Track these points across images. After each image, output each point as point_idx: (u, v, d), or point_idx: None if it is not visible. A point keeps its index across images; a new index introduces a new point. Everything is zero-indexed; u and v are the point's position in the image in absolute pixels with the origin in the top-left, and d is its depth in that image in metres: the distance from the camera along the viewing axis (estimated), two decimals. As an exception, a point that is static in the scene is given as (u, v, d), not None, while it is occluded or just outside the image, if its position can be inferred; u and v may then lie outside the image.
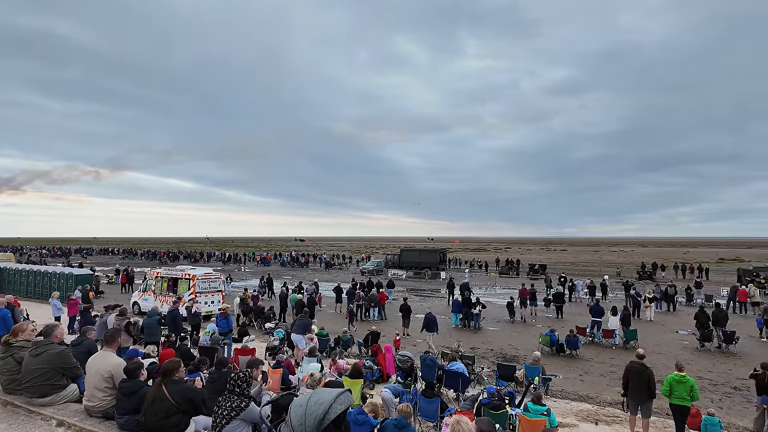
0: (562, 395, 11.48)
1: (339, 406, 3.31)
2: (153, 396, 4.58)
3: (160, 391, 4.56)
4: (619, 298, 26.91)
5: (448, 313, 22.37)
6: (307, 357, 11.11)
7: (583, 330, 17.31)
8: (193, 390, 4.79)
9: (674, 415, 8.44)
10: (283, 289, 22.74)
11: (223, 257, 65.30)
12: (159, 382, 4.69)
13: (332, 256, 65.51)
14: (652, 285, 30.39)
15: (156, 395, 4.55)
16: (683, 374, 8.46)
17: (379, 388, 11.02)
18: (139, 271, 40.01)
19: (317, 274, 46.08)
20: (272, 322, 18.40)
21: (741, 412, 10.57)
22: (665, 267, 46.68)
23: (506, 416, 7.67)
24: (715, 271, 44.85)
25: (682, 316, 22.56)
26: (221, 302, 19.92)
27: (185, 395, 4.59)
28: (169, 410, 4.49)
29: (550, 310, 23.19)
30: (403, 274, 43.17)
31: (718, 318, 17.03)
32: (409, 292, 31.37)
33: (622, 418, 9.74)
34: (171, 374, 4.68)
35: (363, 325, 19.27)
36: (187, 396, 4.60)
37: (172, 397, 4.50)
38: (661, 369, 12.32)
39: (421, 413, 8.55)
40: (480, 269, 51.49)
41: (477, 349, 16.05)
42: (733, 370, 13.94)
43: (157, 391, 4.59)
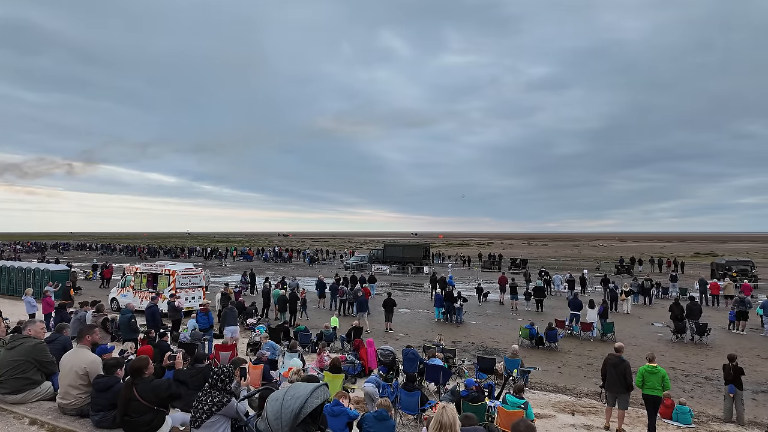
0: (540, 387, 11.70)
1: (315, 400, 3.33)
2: (124, 397, 4.53)
3: (130, 391, 4.50)
4: (598, 292, 27.48)
5: (430, 307, 22.54)
6: (288, 352, 11.10)
7: (562, 323, 17.66)
8: (164, 386, 4.74)
9: (647, 405, 8.69)
10: (265, 285, 22.57)
11: (205, 252, 64.51)
12: (129, 381, 4.63)
13: (316, 251, 65.27)
14: (629, 279, 31.09)
15: (126, 396, 4.50)
16: (654, 365, 8.71)
17: (361, 383, 11.09)
18: (118, 267, 39.30)
19: (301, 269, 45.90)
20: (254, 317, 18.29)
21: (711, 401, 10.93)
22: (642, 261, 47.82)
23: (485, 408, 7.80)
24: (690, 265, 46.09)
25: (658, 308, 23.15)
26: (202, 298, 19.70)
27: (156, 393, 4.55)
28: (141, 409, 4.45)
29: (530, 303, 23.55)
30: (387, 269, 43.27)
31: (691, 311, 17.53)
32: (392, 286, 31.48)
33: (598, 408, 9.99)
34: (140, 373, 4.62)
35: (346, 320, 19.29)
36: (159, 393, 4.55)
37: (143, 396, 4.45)
38: (637, 361, 12.64)
39: (402, 406, 8.64)
40: (463, 264, 51.93)
41: (458, 343, 16.23)
42: (705, 360, 14.39)
43: (127, 392, 4.54)
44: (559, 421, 9.23)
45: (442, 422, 3.24)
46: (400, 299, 25.13)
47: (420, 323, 20.04)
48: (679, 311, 17.48)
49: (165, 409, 4.84)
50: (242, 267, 41.29)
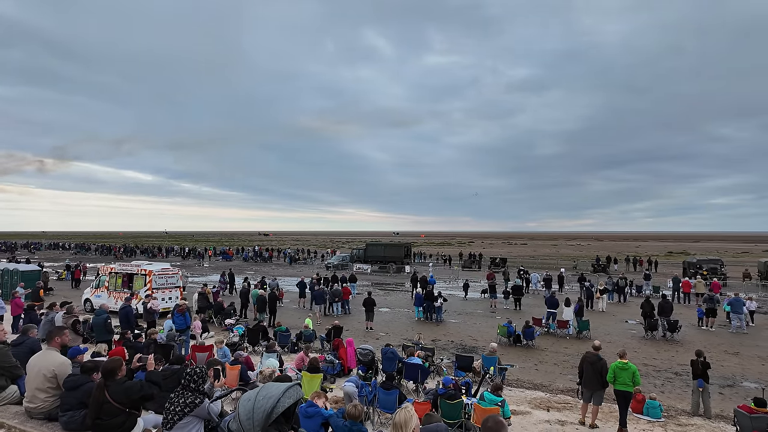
0: (517, 384, 11.89)
1: (287, 399, 3.32)
2: (96, 399, 4.43)
3: (102, 394, 4.42)
4: (574, 290, 28.01)
5: (411, 306, 22.63)
6: (266, 352, 11.02)
7: (539, 321, 17.97)
8: (137, 388, 4.66)
9: (618, 400, 8.92)
10: (244, 285, 22.34)
11: (183, 252, 63.41)
12: (101, 384, 4.54)
13: (297, 250, 64.80)
14: (605, 277, 31.79)
15: (98, 399, 4.41)
16: (626, 361, 8.96)
17: (340, 382, 11.08)
18: (92, 267, 38.35)
19: (281, 269, 45.53)
20: (232, 318, 18.09)
21: (680, 396, 11.28)
22: (618, 260, 48.96)
23: (461, 405, 7.88)
24: (664, 264, 47.37)
25: (632, 306, 23.71)
26: (179, 298, 19.37)
27: (129, 394, 4.47)
28: (113, 412, 4.36)
29: (508, 302, 23.88)
30: (369, 269, 43.26)
31: (663, 308, 18.03)
32: (373, 286, 31.52)
33: (573, 404, 10.20)
34: (113, 374, 4.54)
35: (327, 320, 19.24)
36: (131, 395, 4.48)
37: (115, 398, 4.37)
38: (612, 357, 12.95)
39: (380, 405, 8.67)
40: (444, 263, 52.27)
41: (438, 341, 16.36)
42: (675, 356, 14.83)
43: (99, 394, 4.45)
44: (535, 418, 9.40)
45: (395, 422, 3.28)
46: (381, 298, 25.18)
47: (400, 322, 20.13)
48: (650, 308, 17.98)
49: (137, 411, 4.77)
50: (221, 267, 40.72)
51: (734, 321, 18.58)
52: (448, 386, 8.34)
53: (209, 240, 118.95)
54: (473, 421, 7.80)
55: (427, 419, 4.19)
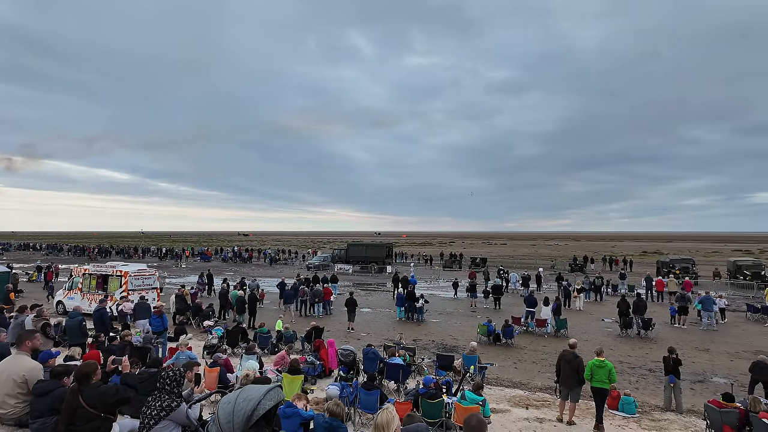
0: (497, 382, 12.04)
1: (268, 402, 3.29)
2: (69, 405, 4.30)
3: (76, 399, 4.29)
4: (552, 289, 28.49)
5: (393, 306, 22.67)
6: (246, 354, 10.89)
7: (518, 320, 18.24)
8: (112, 392, 4.56)
9: (595, 397, 9.11)
10: (223, 286, 22.02)
11: (159, 253, 62.14)
12: (75, 389, 4.41)
13: (277, 251, 64.21)
14: (582, 277, 32.43)
15: (72, 404, 4.29)
16: (602, 359, 9.16)
17: (321, 383, 11.03)
18: (65, 268, 37.27)
19: (261, 269, 45.06)
20: (211, 320, 17.82)
21: (654, 392, 11.59)
22: (594, 260, 50.02)
23: (442, 405, 7.94)
24: (639, 263, 48.56)
25: (608, 305, 24.25)
26: (156, 300, 18.98)
27: (104, 399, 4.36)
28: (87, 417, 4.25)
29: (488, 301, 24.15)
30: (350, 269, 43.18)
31: (637, 306, 18.51)
32: (355, 286, 31.46)
33: (551, 401, 10.38)
34: (87, 379, 4.42)
35: (307, 321, 19.11)
36: (106, 399, 4.37)
37: (89, 403, 4.25)
38: (589, 355, 13.23)
39: (362, 405, 8.67)
40: (425, 263, 52.52)
41: (419, 341, 16.44)
42: (649, 353, 15.23)
43: (73, 399, 4.32)
44: (514, 415, 9.53)
45: (376, 423, 3.29)
46: (362, 299, 25.17)
47: (382, 322, 20.15)
48: (626, 307, 18.43)
49: (112, 415, 4.65)
50: (199, 268, 40.06)
51: (705, 319, 19.19)
52: (429, 386, 8.40)
53: (187, 240, 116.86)
54: (454, 420, 7.88)
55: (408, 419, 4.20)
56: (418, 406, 7.96)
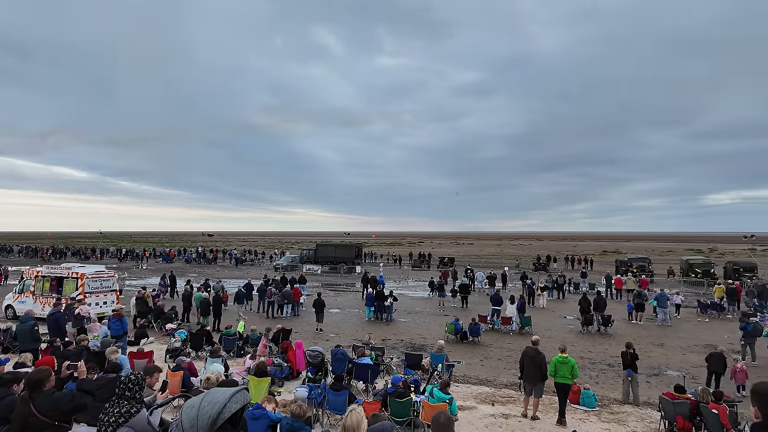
0: (464, 380, 12.22)
1: (234, 404, 3.20)
2: (20, 413, 4.07)
3: (27, 407, 4.06)
4: (517, 288, 29.18)
5: (362, 306, 22.64)
6: (210, 357, 10.64)
7: (485, 318, 18.59)
8: (67, 399, 4.35)
9: (558, 392, 9.41)
10: (187, 288, 21.40)
11: (119, 254, 59.78)
12: (26, 396, 4.18)
13: (243, 251, 62.92)
14: (545, 275, 33.37)
15: (23, 413, 4.05)
16: (565, 355, 9.47)
17: (288, 386, 10.90)
18: (15, 270, 35.31)
19: (227, 270, 44.08)
20: (174, 322, 17.29)
21: (613, 386, 12.05)
22: (557, 259, 51.56)
23: (410, 403, 7.99)
24: (599, 262, 50.35)
25: (570, 302, 25.04)
26: (115, 303, 18.25)
27: (58, 406, 4.15)
28: (40, 426, 4.03)
29: (456, 300, 24.50)
30: (319, 269, 42.84)
31: (597, 304, 19.22)
32: (324, 287, 31.24)
33: (516, 397, 10.63)
34: (39, 386, 4.19)
35: (275, 323, 18.82)
36: (61, 407, 4.16)
37: (42, 411, 4.04)
38: (552, 351, 13.65)
39: (330, 406, 8.62)
40: (395, 263, 52.72)
41: (388, 341, 16.49)
42: (609, 349, 15.83)
43: (24, 408, 4.09)
44: (481, 412, 9.71)
45: (346, 425, 3.28)
46: (331, 299, 25.03)
47: (351, 323, 20.09)
48: (587, 305, 19.10)
49: (67, 423, 4.44)
50: (162, 269, 38.77)
51: (660, 315, 20.14)
52: (397, 385, 8.44)
53: (149, 241, 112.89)
54: (422, 418, 7.94)
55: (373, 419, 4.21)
56: (387, 406, 7.98)
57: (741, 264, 35.21)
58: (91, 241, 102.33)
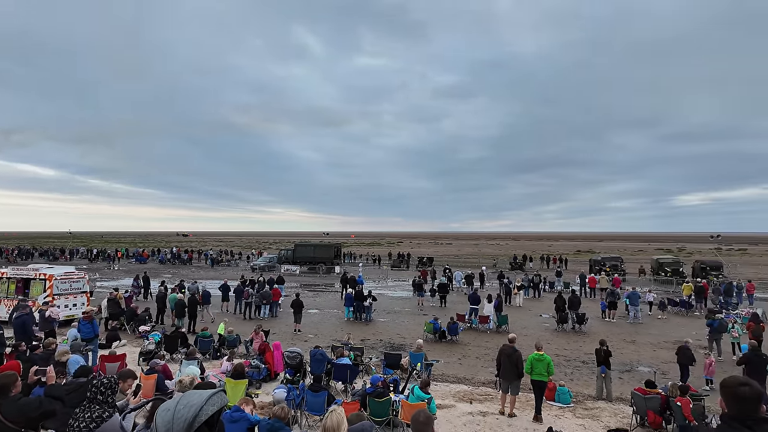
0: (442, 378, 12.30)
1: (211, 407, 3.13)
2: None
3: None
4: (494, 287, 29.55)
5: (341, 307, 22.55)
6: (186, 360, 10.42)
7: (463, 317, 18.78)
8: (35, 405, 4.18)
9: (534, 389, 9.58)
10: (161, 289, 20.90)
11: (90, 254, 58.00)
12: None
13: (219, 252, 61.87)
14: (521, 274, 33.90)
15: None
16: (541, 353, 9.65)
17: (266, 387, 10.77)
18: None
19: (202, 271, 43.29)
20: (147, 325, 16.88)
21: (587, 382, 12.32)
22: (533, 258, 52.48)
23: (389, 403, 8.01)
24: (573, 262, 51.48)
25: (546, 301, 25.52)
26: (86, 305, 17.69)
27: (25, 412, 3.99)
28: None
29: (435, 299, 24.66)
30: (297, 270, 42.48)
31: (572, 302, 19.64)
32: (302, 287, 31.00)
33: (493, 395, 10.77)
34: (5, 391, 4.02)
35: (252, 324, 18.58)
36: (28, 413, 4.00)
37: (8, 417, 3.87)
38: (528, 349, 13.88)
39: (308, 408, 8.56)
40: (374, 263, 52.70)
41: (367, 341, 16.47)
42: (583, 346, 16.18)
43: None
44: (459, 410, 9.79)
45: (326, 426, 3.26)
46: (310, 300, 24.85)
47: (330, 323, 19.99)
48: (562, 303, 19.51)
49: (34, 430, 4.26)
50: (135, 270, 37.80)
51: (632, 312, 20.71)
52: (376, 385, 8.44)
53: (121, 241, 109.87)
54: (401, 417, 7.96)
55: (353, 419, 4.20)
56: (366, 406, 7.97)
57: (708, 263, 36.52)
58: (60, 242, 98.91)
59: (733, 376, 2.83)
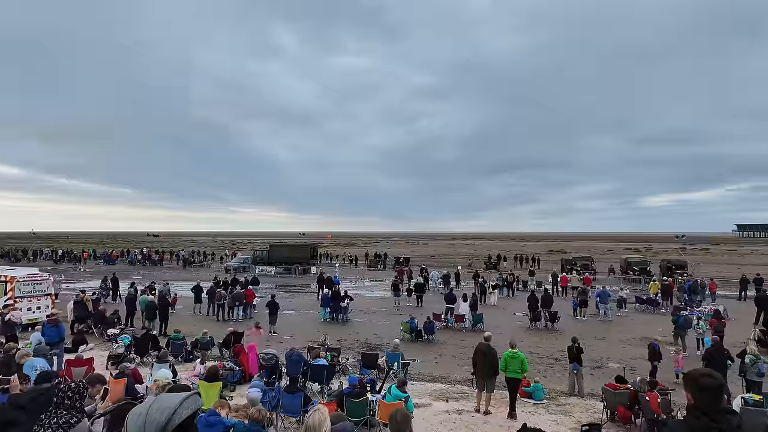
0: (419, 378, 12.35)
1: (185, 410, 3.04)
2: None
3: None
4: (470, 286, 29.90)
5: (317, 308, 22.38)
6: (157, 363, 10.16)
7: (439, 316, 18.94)
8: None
9: (509, 387, 9.75)
10: (130, 291, 20.31)
11: (55, 255, 55.88)
12: None
13: (192, 252, 60.55)
14: (496, 274, 34.42)
15: None
16: (516, 351, 9.82)
17: (240, 390, 10.59)
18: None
19: (174, 272, 42.27)
20: (116, 327, 16.38)
21: (559, 379, 12.58)
22: (507, 258, 53.34)
23: (366, 403, 8.00)
24: (545, 261, 52.52)
25: (519, 300, 25.91)
26: (50, 308, 17.02)
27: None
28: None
29: (411, 299, 24.78)
30: (273, 271, 41.96)
31: (545, 301, 20.06)
32: (278, 288, 30.64)
33: (469, 393, 10.89)
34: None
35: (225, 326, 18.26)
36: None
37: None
38: (503, 347, 14.08)
39: (284, 409, 8.47)
40: (351, 263, 52.55)
41: (344, 341, 16.41)
42: (555, 344, 16.52)
43: None
44: (435, 409, 9.87)
45: (308, 425, 3.23)
46: (286, 301, 24.58)
47: (306, 324, 19.81)
48: (535, 302, 19.90)
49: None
50: (103, 271, 36.60)
51: (602, 310, 21.30)
52: (354, 385, 8.41)
53: (88, 241, 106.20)
54: (378, 417, 7.96)
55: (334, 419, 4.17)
56: (343, 406, 7.94)
57: (673, 262, 37.91)
58: (23, 242, 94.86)
59: (696, 368, 2.96)
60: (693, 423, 2.62)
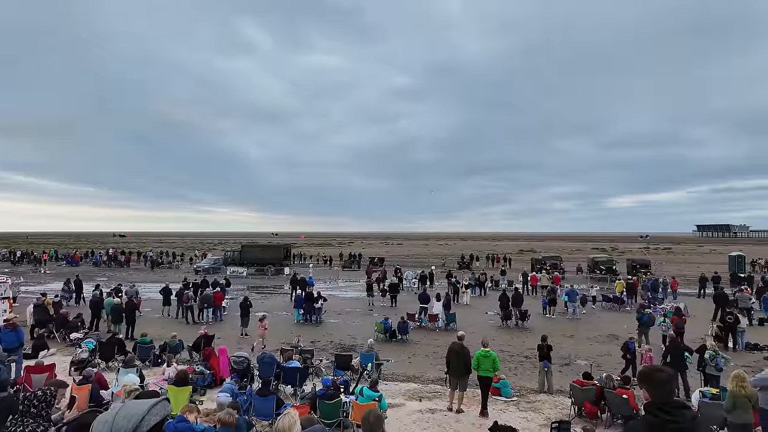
0: (392, 378, 12.40)
1: (154, 417, 2.97)
2: None
3: None
4: (443, 286, 30.19)
5: (290, 309, 22.16)
6: (123, 368, 9.86)
7: (413, 316, 19.07)
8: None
9: (480, 385, 9.91)
10: (95, 293, 19.61)
11: (12, 257, 53.39)
12: None
13: (160, 253, 58.93)
14: (469, 273, 34.89)
15: None
16: (487, 349, 10.00)
17: (211, 394, 10.39)
18: None
19: (142, 274, 41.06)
20: (80, 331, 15.78)
21: (530, 376, 12.86)
22: (479, 258, 54.14)
23: (340, 404, 7.98)
24: (516, 261, 53.57)
25: (491, 299, 26.34)
26: (8, 311, 16.23)
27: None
28: None
29: (385, 299, 24.83)
30: (244, 272, 41.27)
31: (515, 300, 20.45)
32: (250, 290, 30.16)
33: (442, 392, 11.00)
34: None
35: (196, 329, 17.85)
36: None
37: None
38: (476, 346, 14.30)
39: (256, 413, 8.36)
40: (325, 264, 52.22)
41: (317, 342, 16.30)
42: (526, 342, 16.88)
43: None
44: (408, 408, 9.93)
45: (277, 429, 3.22)
46: (258, 302, 24.22)
47: (279, 326, 19.52)
48: (506, 300, 20.28)
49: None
50: (65, 273, 35.19)
51: (570, 309, 21.90)
52: (327, 386, 8.38)
53: (49, 242, 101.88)
54: (351, 418, 7.96)
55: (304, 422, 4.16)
56: (316, 408, 7.90)
57: (637, 261, 39.29)
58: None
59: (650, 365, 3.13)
60: (651, 421, 2.74)
